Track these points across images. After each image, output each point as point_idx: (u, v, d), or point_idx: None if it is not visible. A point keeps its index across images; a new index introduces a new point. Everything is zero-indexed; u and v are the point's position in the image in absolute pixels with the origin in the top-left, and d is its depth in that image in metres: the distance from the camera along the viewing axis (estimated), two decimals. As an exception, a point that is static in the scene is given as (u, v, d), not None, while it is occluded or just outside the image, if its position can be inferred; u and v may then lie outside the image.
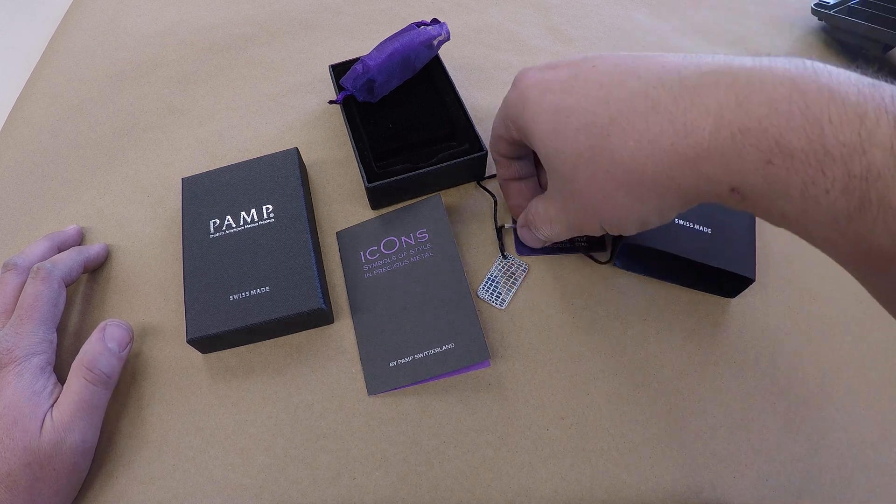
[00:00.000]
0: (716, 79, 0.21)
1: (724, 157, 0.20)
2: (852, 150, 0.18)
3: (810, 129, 0.18)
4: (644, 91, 0.23)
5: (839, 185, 0.18)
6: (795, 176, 0.19)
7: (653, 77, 0.23)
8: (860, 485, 0.30)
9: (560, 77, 0.27)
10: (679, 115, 0.21)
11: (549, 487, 0.31)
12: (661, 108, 0.22)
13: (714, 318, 0.35)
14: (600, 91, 0.24)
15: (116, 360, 0.33)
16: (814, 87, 0.19)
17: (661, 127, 0.22)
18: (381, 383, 0.33)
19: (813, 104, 0.18)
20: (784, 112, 0.19)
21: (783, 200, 0.20)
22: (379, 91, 0.42)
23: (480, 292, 0.36)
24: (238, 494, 0.31)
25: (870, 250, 0.19)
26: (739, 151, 0.20)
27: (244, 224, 0.37)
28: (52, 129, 0.48)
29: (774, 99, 0.19)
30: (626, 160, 0.23)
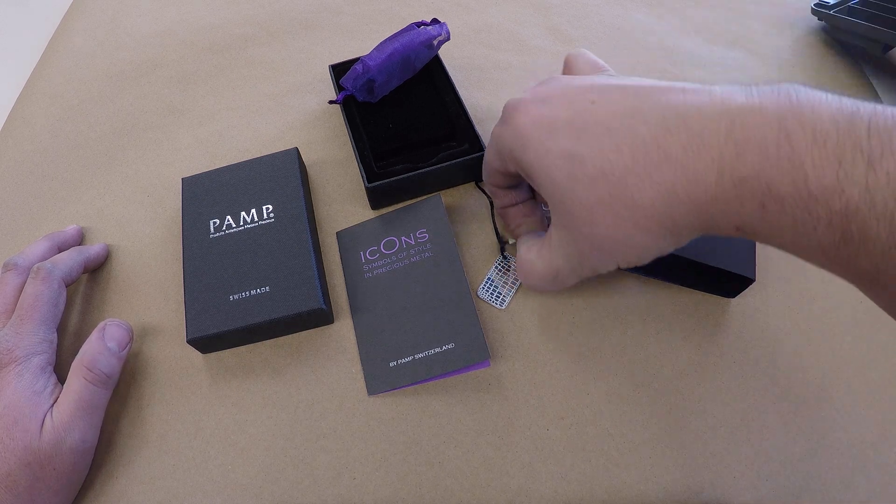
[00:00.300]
0: (716, 123, 0.22)
1: (728, 203, 0.23)
2: (832, 190, 0.20)
3: (796, 174, 0.20)
4: (655, 140, 0.24)
5: (824, 222, 0.20)
6: (786, 216, 0.21)
7: (659, 122, 0.24)
8: (860, 485, 0.30)
9: (560, 117, 0.27)
10: (689, 166, 0.23)
11: (549, 487, 0.31)
12: (672, 158, 0.23)
13: (714, 318, 0.35)
14: (611, 139, 0.25)
15: (116, 359, 0.33)
16: (798, 127, 0.21)
17: (674, 176, 0.23)
18: (381, 383, 0.33)
19: (797, 148, 0.20)
20: (773, 159, 0.21)
21: (778, 236, 0.22)
22: (379, 91, 0.42)
23: (480, 292, 0.36)
24: (238, 494, 0.31)
25: (858, 273, 0.21)
26: (739, 198, 0.22)
27: (244, 224, 0.37)
28: (52, 129, 0.48)
29: (765, 146, 0.21)
30: (647, 206, 0.24)
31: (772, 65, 0.50)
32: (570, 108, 0.26)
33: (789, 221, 0.21)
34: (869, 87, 0.48)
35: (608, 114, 0.25)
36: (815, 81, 0.48)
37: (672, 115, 0.24)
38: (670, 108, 0.24)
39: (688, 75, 0.48)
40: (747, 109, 0.22)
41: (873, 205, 0.19)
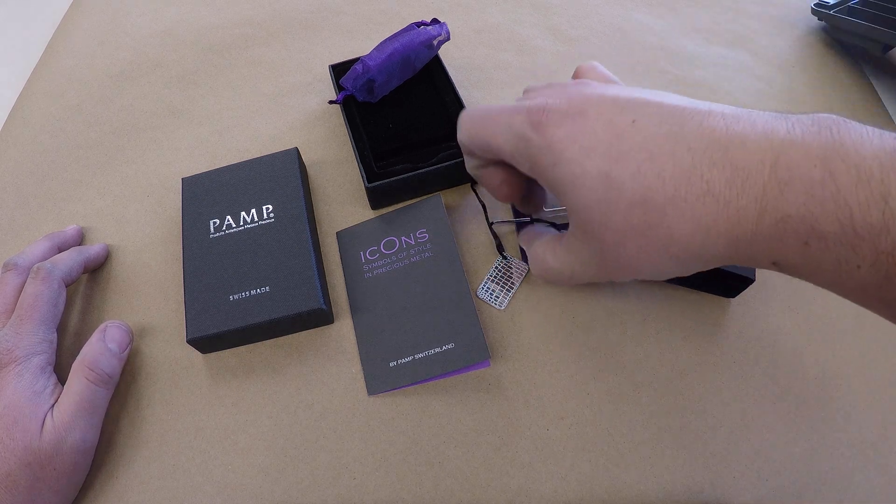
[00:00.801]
0: (760, 158, 0.22)
1: (769, 240, 0.22)
2: (879, 230, 0.19)
3: (841, 213, 0.20)
4: (699, 172, 0.23)
5: (868, 261, 0.20)
6: (829, 255, 0.21)
7: (703, 152, 0.23)
8: (860, 485, 0.30)
9: (598, 135, 0.25)
10: (732, 201, 0.23)
11: (549, 487, 0.31)
12: (715, 191, 0.23)
13: (714, 318, 0.35)
14: (653, 165, 0.24)
15: (117, 360, 0.33)
16: (842, 167, 0.20)
17: (716, 212, 0.23)
18: (381, 383, 0.33)
19: (843, 187, 0.20)
20: (818, 198, 0.20)
21: (819, 274, 0.22)
22: (379, 91, 0.42)
23: (480, 293, 0.36)
24: (238, 494, 0.31)
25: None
26: (781, 235, 0.22)
27: (244, 224, 0.37)
28: (52, 129, 0.48)
29: (810, 185, 0.21)
30: (683, 239, 0.24)
31: (772, 65, 0.50)
32: (610, 127, 0.25)
33: (832, 260, 0.21)
34: (869, 87, 0.48)
35: (650, 137, 0.24)
36: (816, 81, 0.48)
37: (716, 145, 0.23)
38: (714, 136, 0.23)
39: (688, 75, 0.48)
40: (789, 144, 0.22)
41: None
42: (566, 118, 0.26)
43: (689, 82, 0.48)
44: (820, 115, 0.22)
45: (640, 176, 0.24)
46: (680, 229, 0.24)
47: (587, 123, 0.26)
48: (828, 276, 0.22)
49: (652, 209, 0.24)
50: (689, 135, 0.24)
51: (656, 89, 0.27)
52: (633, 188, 0.24)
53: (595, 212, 0.26)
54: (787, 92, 0.47)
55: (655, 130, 0.24)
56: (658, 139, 0.24)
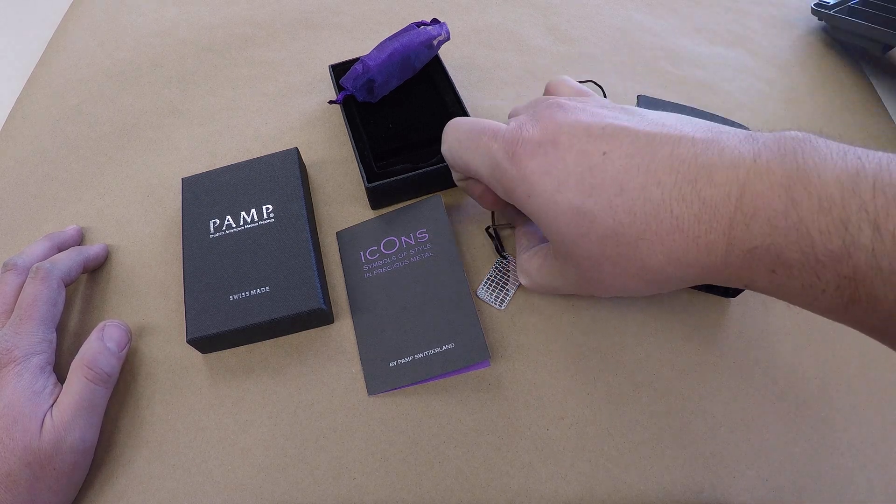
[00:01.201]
0: (726, 192, 0.23)
1: (738, 269, 0.23)
2: (840, 256, 0.20)
3: (804, 243, 0.21)
4: (668, 207, 0.24)
5: (832, 285, 0.21)
6: (795, 281, 0.22)
7: (672, 187, 0.24)
8: (860, 485, 0.30)
9: (569, 167, 0.26)
10: (702, 236, 0.23)
11: (549, 487, 0.31)
12: (684, 228, 0.24)
13: (714, 318, 0.35)
14: (623, 200, 0.24)
15: (116, 359, 0.33)
16: (804, 195, 0.21)
17: (686, 246, 0.24)
18: (381, 383, 0.33)
19: (804, 216, 0.21)
20: (782, 229, 0.21)
21: (788, 297, 0.23)
22: (379, 91, 0.42)
23: (480, 293, 0.36)
24: (238, 494, 0.31)
25: (868, 328, 0.22)
26: (749, 264, 0.23)
27: (244, 224, 0.37)
28: (52, 129, 0.48)
29: (773, 216, 0.21)
30: (655, 268, 0.25)
31: (772, 65, 0.50)
32: (581, 160, 0.25)
33: (798, 285, 0.22)
34: (869, 87, 0.48)
35: (621, 169, 0.25)
36: (816, 81, 0.48)
37: (684, 179, 0.24)
38: (683, 168, 0.24)
39: (688, 75, 0.48)
40: (755, 174, 0.22)
41: (880, 270, 0.19)
42: (539, 148, 0.27)
43: (689, 82, 0.48)
44: (787, 135, 0.23)
45: (611, 210, 0.25)
46: (652, 260, 0.25)
47: (559, 154, 0.26)
48: (797, 299, 0.23)
49: (624, 242, 0.25)
50: (659, 166, 0.24)
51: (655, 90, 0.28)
52: (605, 222, 0.25)
53: (569, 242, 0.27)
54: (787, 92, 0.48)
55: (627, 163, 0.25)
56: (629, 172, 0.25)
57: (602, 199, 0.25)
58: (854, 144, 0.22)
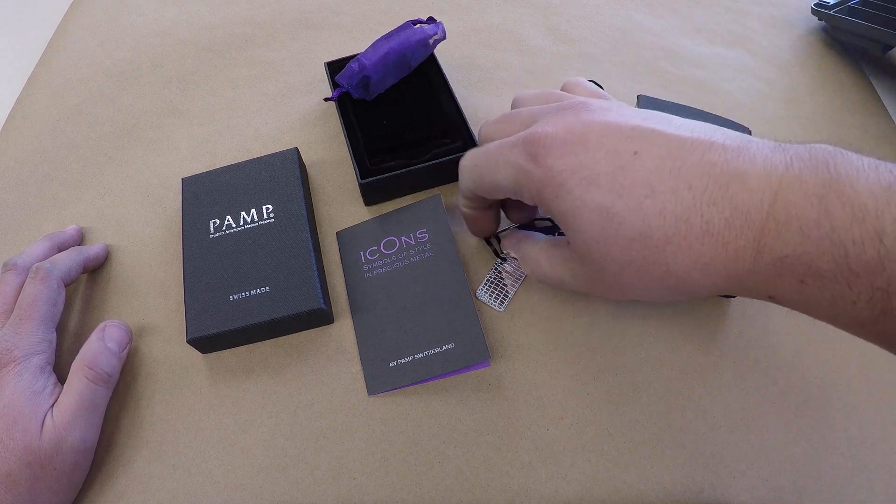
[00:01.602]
0: (759, 199, 0.22)
1: (766, 277, 0.23)
2: (874, 267, 0.20)
3: (836, 252, 0.20)
4: (699, 211, 0.23)
5: (864, 297, 0.20)
6: (826, 292, 0.21)
7: (704, 190, 0.23)
8: (860, 485, 0.30)
9: (599, 166, 0.25)
10: (731, 242, 0.23)
11: (549, 487, 0.31)
12: (714, 231, 0.23)
13: (714, 319, 0.35)
14: (654, 202, 0.24)
15: (116, 359, 0.33)
16: (838, 204, 0.20)
17: (714, 251, 0.23)
18: (381, 383, 0.33)
19: (838, 226, 0.20)
20: (814, 238, 0.21)
21: (815, 309, 0.23)
22: (374, 89, 0.42)
23: (480, 294, 0.36)
24: (238, 494, 0.31)
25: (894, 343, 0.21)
26: (778, 273, 0.22)
27: (244, 224, 0.37)
28: (52, 129, 0.48)
29: (806, 225, 0.21)
30: (680, 274, 0.24)
31: (772, 65, 0.50)
32: (612, 159, 0.25)
33: (828, 297, 0.21)
34: (869, 87, 0.48)
35: (652, 171, 0.24)
36: (816, 81, 0.48)
37: (716, 183, 0.23)
38: (714, 172, 0.23)
39: (688, 75, 0.48)
40: (787, 182, 0.22)
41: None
42: (565, 147, 0.26)
43: (690, 82, 0.48)
44: (817, 147, 0.22)
45: (641, 212, 0.24)
46: (678, 265, 0.24)
47: (588, 153, 0.25)
48: (824, 311, 0.22)
49: (651, 245, 0.24)
50: (690, 170, 0.24)
51: (655, 90, 0.27)
52: (633, 224, 0.24)
53: (594, 244, 0.26)
54: (787, 92, 0.48)
55: (658, 164, 0.24)
56: (661, 174, 0.24)
57: (632, 200, 0.24)
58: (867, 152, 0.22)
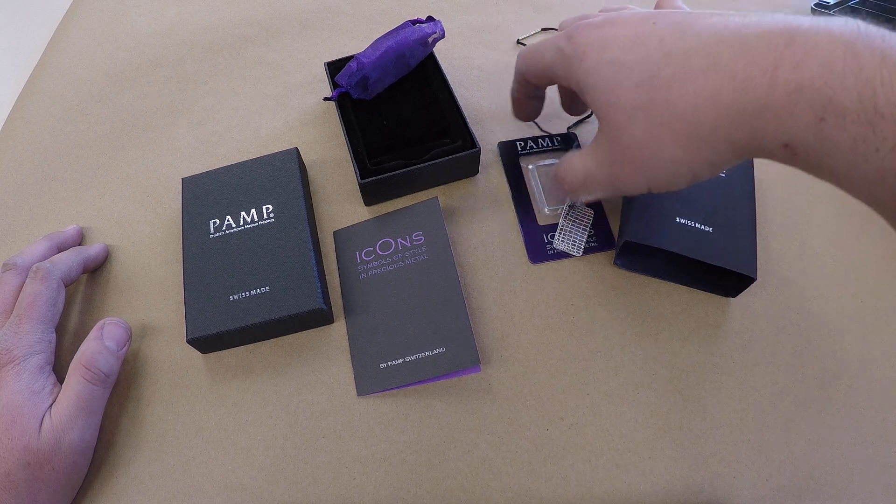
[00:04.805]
0: (775, 37, 0.22)
1: (779, 113, 0.21)
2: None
3: (862, 89, 0.19)
4: (705, 48, 0.23)
5: (889, 144, 0.19)
6: (846, 133, 0.20)
7: (713, 35, 0.24)
8: (860, 485, 0.30)
9: (620, 35, 0.27)
10: (738, 72, 0.22)
11: (549, 487, 0.31)
12: (721, 64, 0.23)
13: (714, 318, 0.35)
14: (661, 47, 0.25)
15: (115, 358, 0.33)
16: (867, 50, 0.19)
17: (721, 82, 0.23)
18: (371, 384, 0.33)
19: (866, 66, 0.19)
20: (838, 72, 0.20)
21: (833, 157, 0.21)
22: (373, 88, 0.42)
23: (557, 244, 0.37)
24: (238, 494, 0.31)
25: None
26: (793, 109, 0.21)
27: (244, 224, 0.37)
28: (52, 129, 0.48)
29: (829, 60, 0.20)
30: (686, 112, 0.24)
31: (772, 65, 0.50)
32: (632, 27, 0.27)
33: (849, 140, 0.20)
34: (869, 87, 0.48)
35: (664, 29, 0.26)
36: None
37: (727, 29, 0.23)
38: (729, 24, 0.24)
39: (688, 75, 0.48)
40: (810, 28, 0.21)
41: None
42: (596, 29, 0.28)
43: (689, 82, 0.48)
44: (849, 18, 0.22)
45: (649, 58, 0.25)
46: (683, 103, 0.24)
47: (613, 30, 0.27)
48: (843, 159, 0.20)
49: (657, 86, 0.25)
50: (702, 25, 0.24)
51: None
52: (641, 69, 0.25)
53: (605, 93, 0.27)
54: (787, 92, 0.47)
55: (672, 27, 0.25)
56: (671, 30, 0.25)
57: (641, 51, 0.26)
58: None
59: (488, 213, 0.40)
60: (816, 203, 0.40)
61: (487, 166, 0.42)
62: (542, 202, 0.40)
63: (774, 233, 0.38)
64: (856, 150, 0.20)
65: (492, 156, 0.43)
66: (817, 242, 0.38)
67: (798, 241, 0.38)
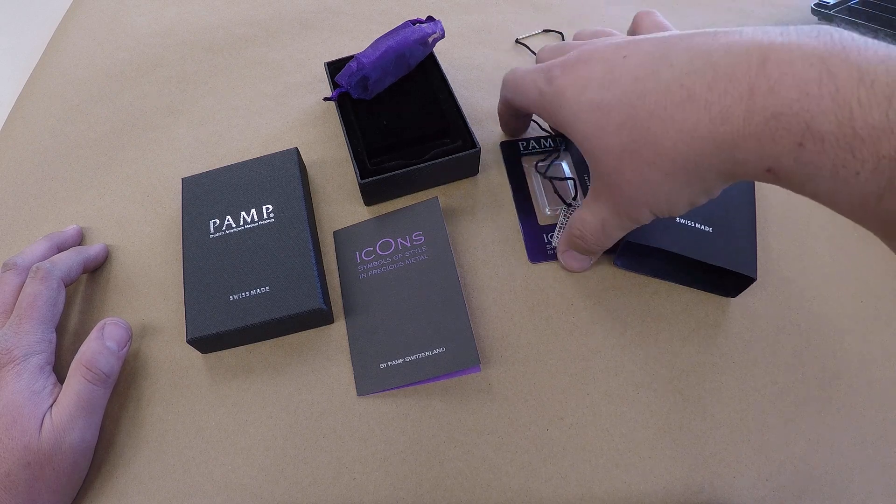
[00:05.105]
0: (747, 59, 0.21)
1: (759, 141, 0.21)
2: (881, 131, 0.18)
3: (840, 112, 0.19)
4: (679, 81, 0.23)
5: (869, 167, 0.19)
6: (826, 158, 0.20)
7: (684, 64, 0.24)
8: (860, 485, 0.30)
9: (595, 74, 0.27)
10: (714, 103, 0.22)
11: (549, 487, 0.31)
12: (696, 96, 0.23)
13: (714, 318, 0.35)
14: (636, 85, 0.25)
15: (115, 359, 0.33)
16: (843, 67, 0.19)
17: (697, 116, 0.23)
18: (371, 384, 0.33)
19: (842, 86, 0.19)
20: (815, 96, 0.19)
21: (815, 181, 0.21)
22: (373, 88, 0.42)
23: (556, 241, 0.37)
24: (238, 494, 0.31)
25: None
26: (773, 135, 0.21)
27: (244, 224, 0.37)
28: (52, 129, 0.48)
29: (805, 81, 0.20)
30: (669, 150, 0.24)
31: (772, 65, 0.50)
32: (604, 64, 0.27)
33: (829, 164, 0.20)
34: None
35: (637, 64, 0.26)
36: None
37: (698, 56, 0.23)
38: (698, 49, 0.23)
39: (688, 75, 0.48)
40: (781, 45, 0.21)
41: None
42: (571, 67, 0.29)
43: (689, 82, 0.48)
44: (821, 26, 0.21)
45: (626, 98, 0.25)
46: (664, 140, 0.24)
47: (587, 67, 0.28)
48: (824, 184, 0.20)
49: (637, 126, 0.25)
50: (673, 53, 0.24)
51: None
52: (619, 110, 0.26)
53: (591, 138, 0.27)
54: (787, 92, 0.47)
55: (644, 58, 0.26)
56: (645, 64, 0.25)
57: (618, 90, 0.26)
58: None
59: (488, 213, 0.40)
60: (816, 203, 0.40)
61: (487, 166, 0.42)
62: (544, 202, 0.40)
63: (774, 233, 0.38)
64: (836, 174, 0.20)
65: (492, 156, 0.43)
66: (817, 242, 0.38)
67: (798, 241, 0.38)
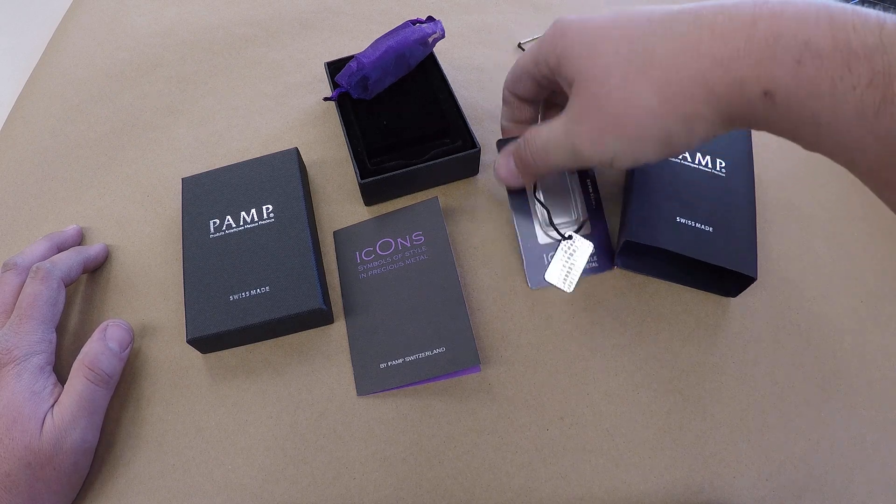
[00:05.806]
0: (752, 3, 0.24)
1: (758, 59, 0.23)
2: (874, 49, 0.20)
3: (836, 34, 0.21)
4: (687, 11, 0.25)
5: (864, 81, 0.20)
6: (824, 73, 0.21)
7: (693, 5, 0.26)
8: (860, 485, 0.30)
9: (604, 16, 0.28)
10: (718, 27, 0.24)
11: (549, 487, 0.31)
12: (703, 20, 0.24)
13: (714, 318, 0.35)
14: (645, 14, 0.27)
15: (117, 360, 0.33)
16: (839, 7, 0.22)
17: (700, 34, 0.24)
18: (371, 384, 0.33)
19: (838, 17, 0.21)
20: (812, 21, 0.22)
21: (813, 100, 0.22)
22: (373, 88, 0.42)
23: (548, 277, 0.35)
24: (238, 494, 0.31)
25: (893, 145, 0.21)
26: (772, 53, 0.22)
27: (244, 224, 0.37)
28: (52, 129, 0.48)
29: (805, 12, 0.22)
30: (665, 59, 0.25)
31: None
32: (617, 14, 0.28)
33: (827, 80, 0.21)
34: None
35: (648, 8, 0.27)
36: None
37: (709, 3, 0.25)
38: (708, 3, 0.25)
39: (688, 75, 0.48)
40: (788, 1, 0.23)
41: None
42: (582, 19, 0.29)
43: (689, 82, 0.48)
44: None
45: (631, 22, 0.27)
46: (664, 49, 0.25)
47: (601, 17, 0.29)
48: (823, 102, 0.22)
49: (636, 37, 0.26)
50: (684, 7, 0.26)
51: None
52: (623, 32, 0.27)
53: (586, 55, 0.28)
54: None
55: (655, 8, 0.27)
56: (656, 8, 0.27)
57: (624, 17, 0.27)
58: None
59: (488, 213, 0.40)
60: (816, 203, 0.40)
61: (487, 166, 0.42)
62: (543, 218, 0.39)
63: (774, 233, 0.38)
64: (835, 89, 0.21)
65: (492, 156, 0.43)
66: (817, 242, 0.38)
67: (798, 241, 0.38)
